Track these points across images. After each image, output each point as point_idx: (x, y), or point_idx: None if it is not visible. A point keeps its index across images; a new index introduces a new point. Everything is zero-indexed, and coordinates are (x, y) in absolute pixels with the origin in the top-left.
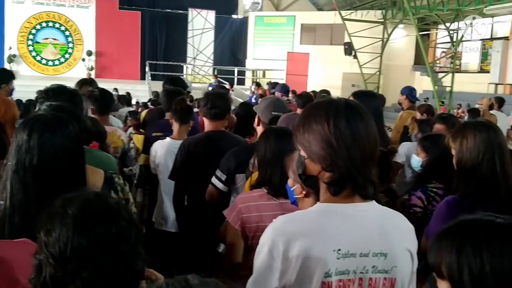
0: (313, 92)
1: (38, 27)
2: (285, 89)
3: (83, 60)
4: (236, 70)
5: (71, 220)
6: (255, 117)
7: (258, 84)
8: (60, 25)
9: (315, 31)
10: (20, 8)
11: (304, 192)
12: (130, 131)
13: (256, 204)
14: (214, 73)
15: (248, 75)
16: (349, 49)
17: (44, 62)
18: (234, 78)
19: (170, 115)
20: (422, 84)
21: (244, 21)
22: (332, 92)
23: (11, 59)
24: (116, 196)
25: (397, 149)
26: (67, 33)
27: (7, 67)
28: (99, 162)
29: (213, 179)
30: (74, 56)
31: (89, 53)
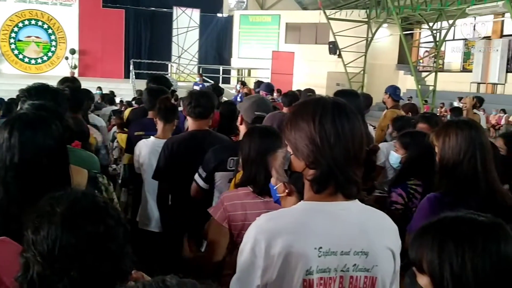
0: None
1: (20, 25)
2: (269, 88)
3: (66, 58)
4: (221, 68)
5: (60, 218)
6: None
7: (243, 83)
8: (43, 23)
9: (300, 30)
10: (2, 6)
11: (287, 191)
12: (114, 130)
13: (241, 203)
14: (199, 71)
15: (233, 74)
16: (333, 48)
17: (26, 60)
18: (219, 77)
19: (153, 113)
20: (406, 83)
21: (229, 19)
22: (317, 91)
23: None
24: (100, 196)
25: (379, 147)
26: (50, 31)
27: None
28: (82, 162)
29: (195, 176)
30: (57, 55)
31: (72, 51)
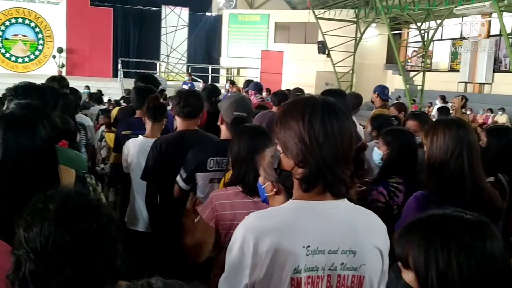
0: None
1: (7, 23)
2: (258, 87)
3: (54, 57)
4: (210, 68)
5: (53, 215)
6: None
7: (232, 82)
8: (30, 21)
9: (289, 30)
10: None
11: (275, 190)
12: (102, 129)
13: (230, 202)
14: (188, 70)
15: (223, 73)
16: (322, 47)
17: (13, 59)
18: (208, 76)
19: (141, 113)
20: (394, 82)
21: (218, 18)
22: (306, 90)
23: None
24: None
25: (367, 145)
26: (37, 29)
27: None
28: (70, 161)
29: (177, 177)
30: (45, 53)
31: (60, 50)
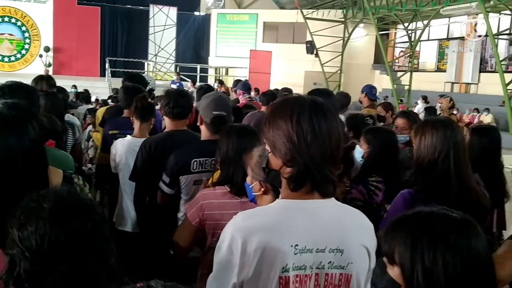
0: (276, 90)
1: None
2: (246, 86)
3: (41, 56)
4: (198, 67)
5: (47, 214)
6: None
7: (221, 82)
8: (16, 20)
9: (277, 29)
10: None
11: (263, 190)
12: (89, 129)
13: (218, 202)
14: (176, 70)
15: (211, 72)
16: (311, 47)
17: None
18: (196, 76)
19: (128, 112)
20: (382, 82)
21: (207, 18)
22: (294, 90)
23: None
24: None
25: (356, 144)
26: (23, 28)
27: None
28: (57, 161)
29: (160, 184)
30: (31, 52)
31: (46, 49)
